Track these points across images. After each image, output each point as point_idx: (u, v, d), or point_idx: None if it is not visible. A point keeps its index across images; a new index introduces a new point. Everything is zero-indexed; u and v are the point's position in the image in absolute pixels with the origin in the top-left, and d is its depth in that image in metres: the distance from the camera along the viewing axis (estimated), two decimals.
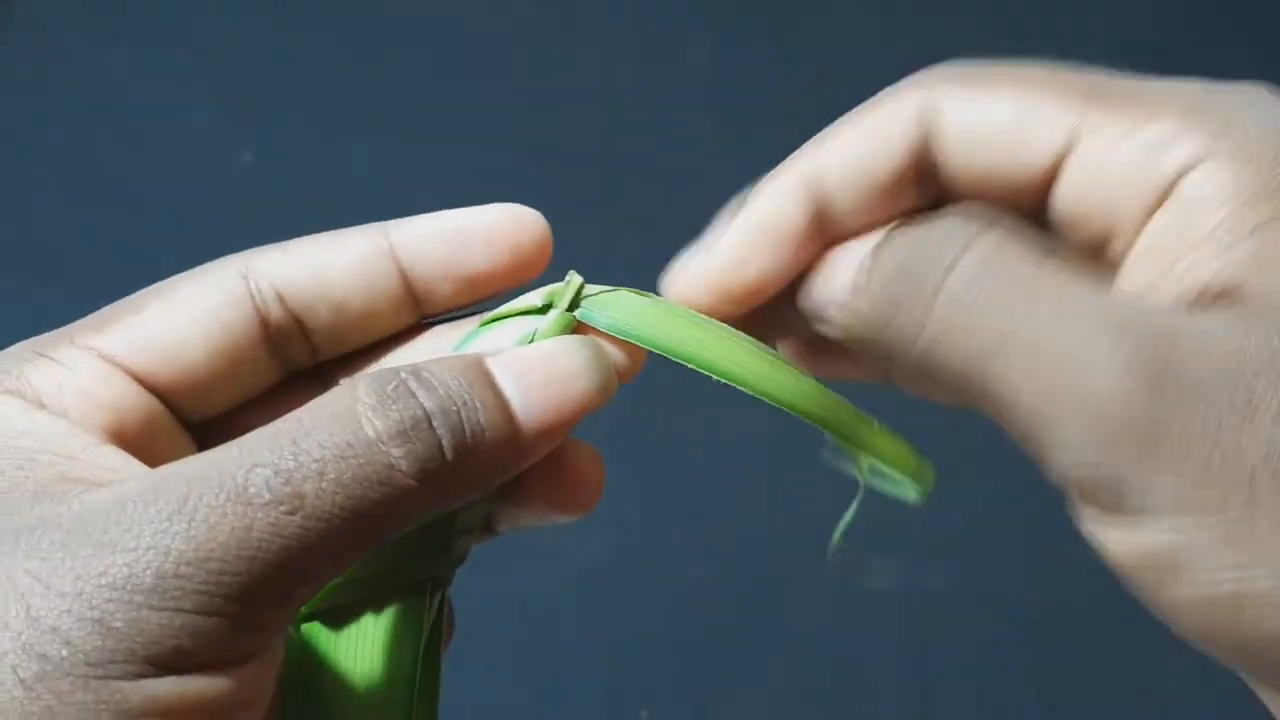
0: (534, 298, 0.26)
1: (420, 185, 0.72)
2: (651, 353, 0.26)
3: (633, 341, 0.26)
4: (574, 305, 0.26)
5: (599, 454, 0.26)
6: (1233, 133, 0.21)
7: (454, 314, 0.28)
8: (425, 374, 0.22)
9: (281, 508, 0.20)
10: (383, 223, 0.27)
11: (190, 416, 0.26)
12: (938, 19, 0.85)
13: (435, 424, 0.22)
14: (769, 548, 0.66)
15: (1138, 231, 0.22)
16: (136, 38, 0.84)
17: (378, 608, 0.26)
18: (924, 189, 0.25)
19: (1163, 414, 0.19)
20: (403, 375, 0.22)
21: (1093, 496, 0.21)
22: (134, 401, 0.25)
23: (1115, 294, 0.22)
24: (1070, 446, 0.20)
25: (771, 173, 0.26)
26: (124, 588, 0.19)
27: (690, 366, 0.26)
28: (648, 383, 0.28)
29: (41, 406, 0.23)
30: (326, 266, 0.26)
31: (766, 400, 0.26)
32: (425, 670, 0.26)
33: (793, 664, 0.67)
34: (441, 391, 0.22)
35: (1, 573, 0.20)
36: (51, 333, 0.25)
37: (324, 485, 0.20)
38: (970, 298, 0.21)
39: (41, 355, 0.24)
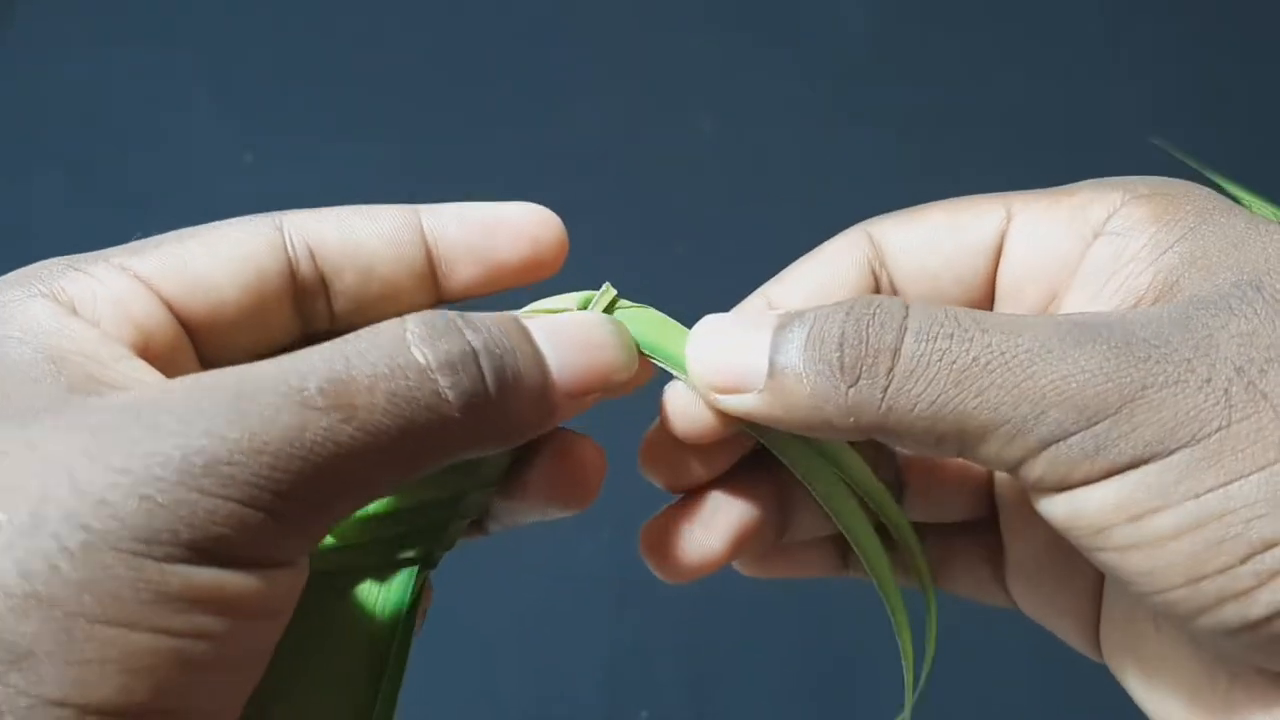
0: (569, 300, 0.27)
1: (420, 186, 0.72)
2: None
3: (652, 357, 0.27)
4: (607, 311, 0.27)
5: (601, 448, 0.27)
6: (1140, 186, 0.24)
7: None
8: (470, 316, 0.23)
9: (335, 414, 0.21)
10: (414, 205, 0.28)
11: (210, 357, 0.26)
12: (938, 19, 0.85)
13: (481, 361, 0.22)
14: None
15: (1074, 274, 0.25)
16: (136, 38, 0.84)
17: (369, 578, 0.27)
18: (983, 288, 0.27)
19: (1134, 372, 0.21)
20: (450, 315, 0.23)
21: (1070, 472, 0.22)
22: (162, 325, 0.25)
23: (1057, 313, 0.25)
24: (1056, 427, 0.21)
25: (737, 309, 0.28)
26: (175, 468, 0.19)
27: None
28: (648, 383, 0.28)
29: (74, 313, 0.23)
30: (359, 231, 0.27)
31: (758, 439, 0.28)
32: (399, 646, 0.26)
33: (793, 664, 0.67)
34: (485, 334, 0.23)
35: (42, 446, 0.19)
36: (88, 253, 0.25)
37: (375, 400, 0.21)
38: (932, 344, 0.22)
39: (76, 269, 0.24)
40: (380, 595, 0.27)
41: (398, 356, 0.22)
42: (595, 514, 0.31)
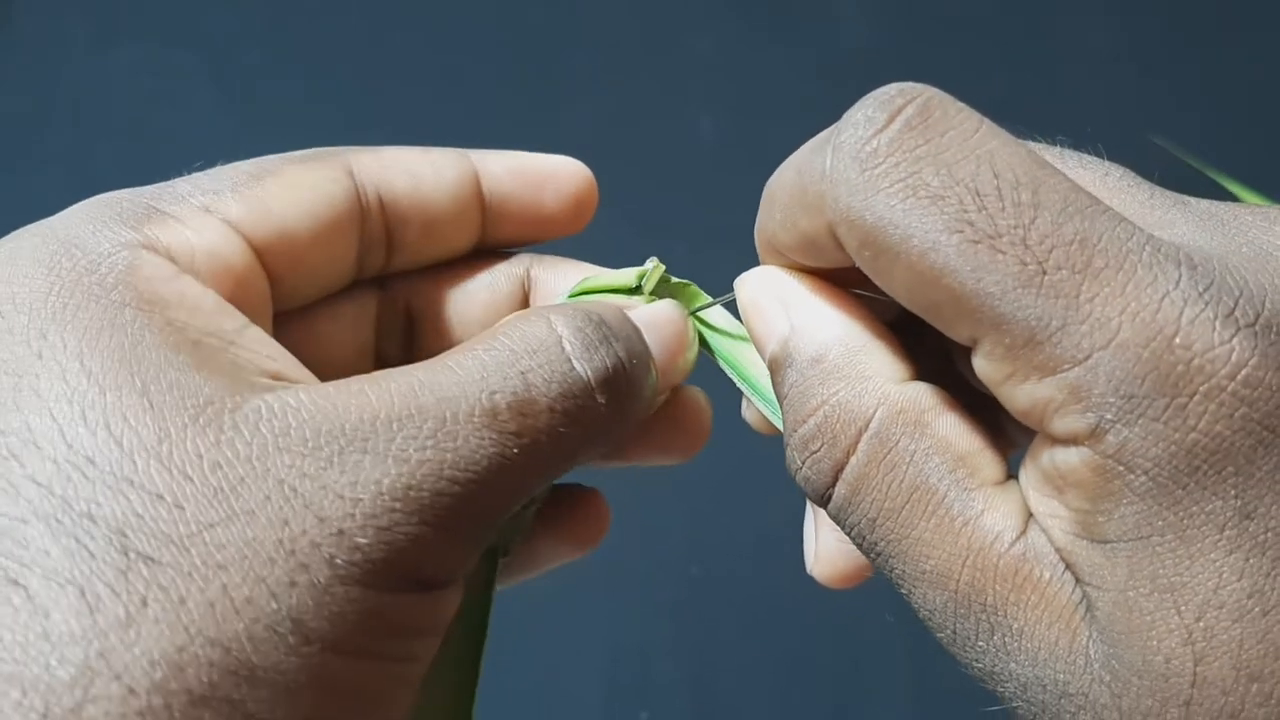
0: (625, 275, 0.28)
1: None
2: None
3: (705, 332, 0.28)
4: (657, 287, 0.28)
5: (707, 398, 0.28)
6: (1107, 440, 0.19)
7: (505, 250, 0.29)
8: (610, 322, 0.24)
9: (525, 439, 0.21)
10: (463, 150, 0.28)
11: (279, 303, 0.25)
12: (938, 18, 0.85)
13: (628, 372, 0.23)
14: (769, 548, 0.66)
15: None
16: (136, 38, 0.84)
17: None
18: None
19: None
20: (594, 320, 0.23)
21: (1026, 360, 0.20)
22: (254, 274, 0.24)
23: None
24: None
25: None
26: (404, 498, 0.19)
27: (731, 374, 0.27)
28: None
29: (179, 271, 0.22)
30: (425, 183, 0.27)
31: None
32: (481, 626, 0.27)
33: (793, 664, 0.67)
34: (625, 343, 0.23)
35: (259, 461, 0.19)
36: (150, 186, 0.24)
37: (553, 421, 0.21)
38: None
39: (157, 210, 0.23)
40: (471, 584, 0.27)
41: (566, 374, 0.22)
42: None
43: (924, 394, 0.22)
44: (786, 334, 0.23)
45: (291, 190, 0.25)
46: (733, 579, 0.67)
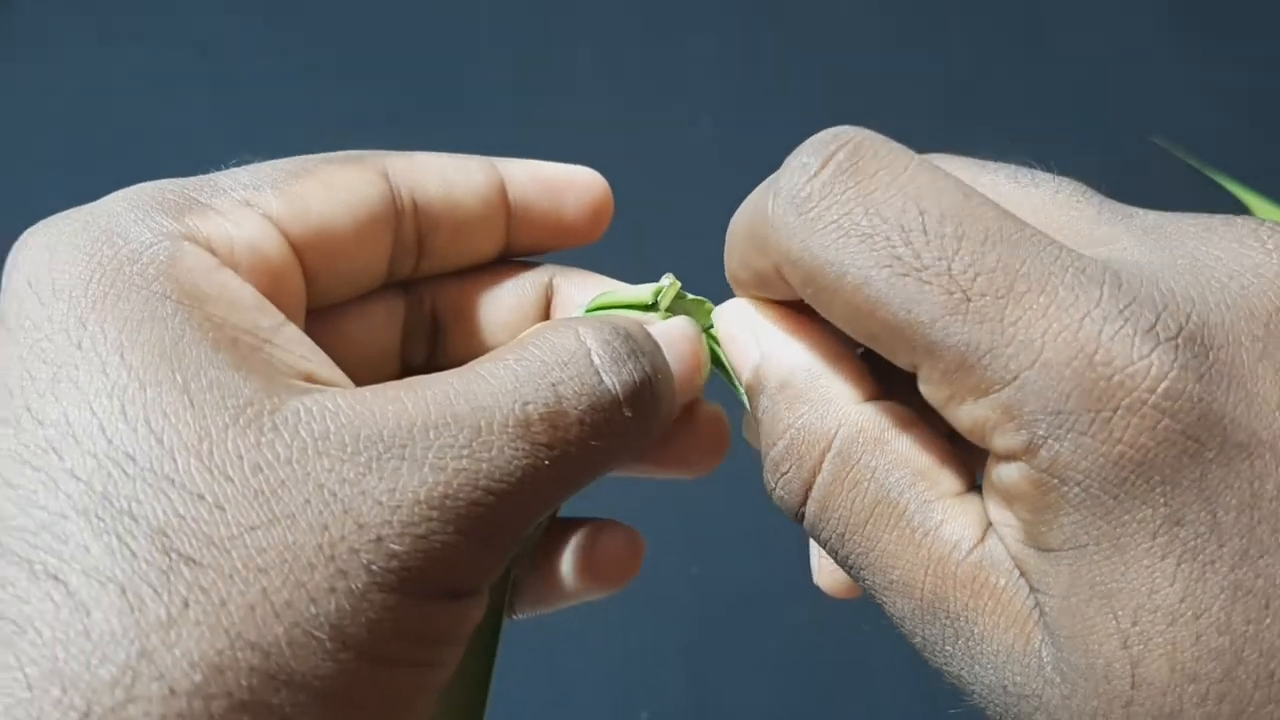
0: (642, 291, 0.28)
1: None
2: None
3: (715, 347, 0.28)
4: (672, 304, 0.28)
5: (723, 414, 0.28)
6: (1041, 455, 0.20)
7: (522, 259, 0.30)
8: (634, 336, 0.24)
9: (554, 451, 0.21)
10: (488, 157, 0.28)
11: (313, 302, 0.25)
12: (938, 18, 0.85)
13: (654, 388, 0.23)
14: (768, 548, 0.66)
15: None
16: (136, 38, 0.84)
17: None
18: None
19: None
20: (621, 333, 0.23)
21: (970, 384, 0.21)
22: (293, 271, 0.24)
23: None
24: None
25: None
26: (440, 507, 0.19)
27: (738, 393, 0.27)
28: None
29: (219, 264, 0.22)
30: (458, 188, 0.27)
31: None
32: (493, 634, 0.28)
33: (793, 664, 0.67)
34: (650, 357, 0.24)
35: (299, 465, 0.19)
36: (190, 179, 0.24)
37: (583, 433, 0.22)
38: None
39: (198, 201, 0.23)
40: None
41: (595, 387, 0.22)
42: (594, 514, 0.31)
43: (883, 413, 0.23)
44: (757, 361, 0.25)
45: (329, 189, 0.25)
46: (733, 579, 0.67)
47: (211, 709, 0.17)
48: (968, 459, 0.24)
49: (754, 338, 0.25)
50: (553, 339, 0.22)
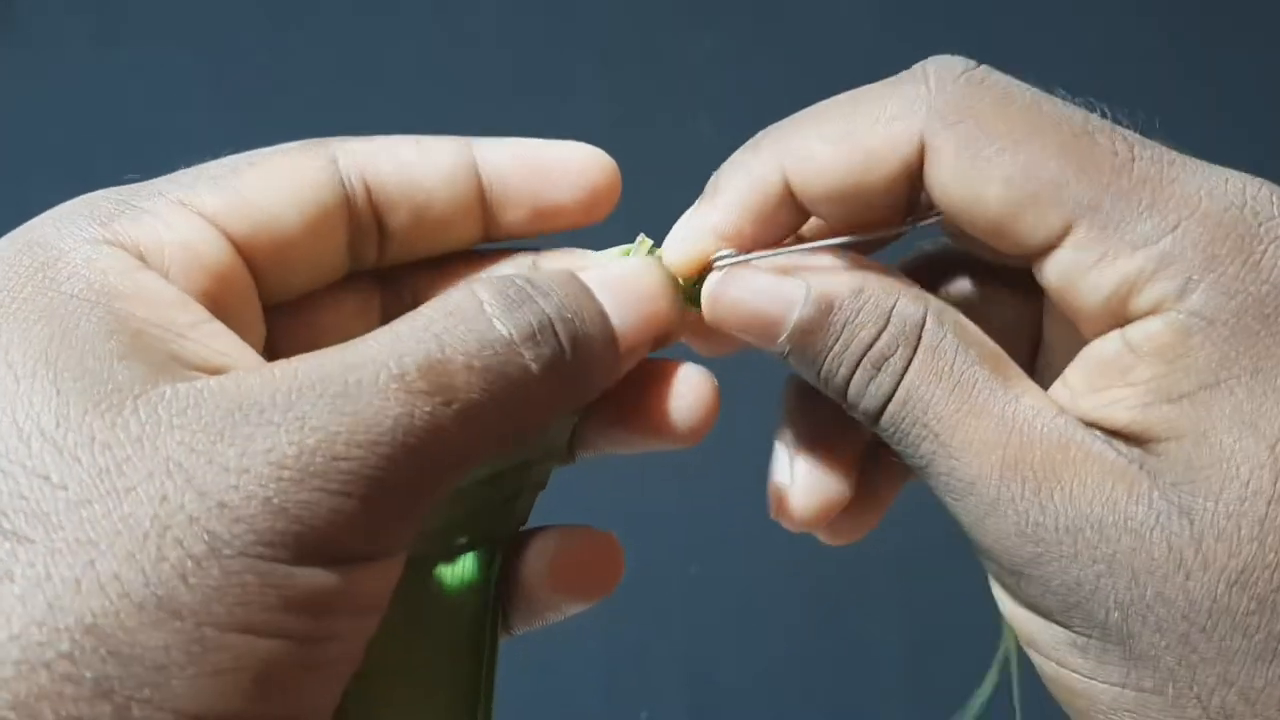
0: (615, 252, 0.27)
1: None
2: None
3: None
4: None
5: (713, 378, 0.26)
6: (1191, 299, 0.22)
7: (507, 244, 0.28)
8: (539, 283, 0.23)
9: (437, 398, 0.20)
10: (465, 137, 0.27)
11: (268, 296, 0.25)
12: (938, 18, 0.85)
13: (557, 328, 0.22)
14: (769, 549, 0.66)
15: (1082, 340, 0.24)
16: (136, 38, 0.84)
17: (449, 563, 0.26)
18: (901, 206, 0.25)
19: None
20: (519, 282, 0.23)
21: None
22: (232, 267, 0.24)
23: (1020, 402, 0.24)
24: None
25: (751, 145, 0.27)
26: (294, 467, 0.19)
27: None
28: None
29: (144, 263, 0.22)
30: (414, 168, 0.26)
31: None
32: (491, 626, 0.27)
33: (792, 664, 0.67)
34: (557, 300, 0.23)
35: (149, 440, 0.19)
36: (131, 185, 0.24)
37: (472, 379, 0.21)
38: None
39: (134, 205, 0.23)
40: (456, 578, 0.26)
41: (484, 333, 0.21)
42: (593, 514, 0.31)
43: (948, 304, 0.25)
44: (806, 293, 0.25)
45: (270, 179, 0.24)
46: (732, 579, 0.67)
47: (33, 679, 0.17)
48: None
49: (784, 281, 0.25)
50: (446, 298, 0.22)
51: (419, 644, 0.26)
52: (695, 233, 0.26)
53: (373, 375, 0.20)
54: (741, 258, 0.26)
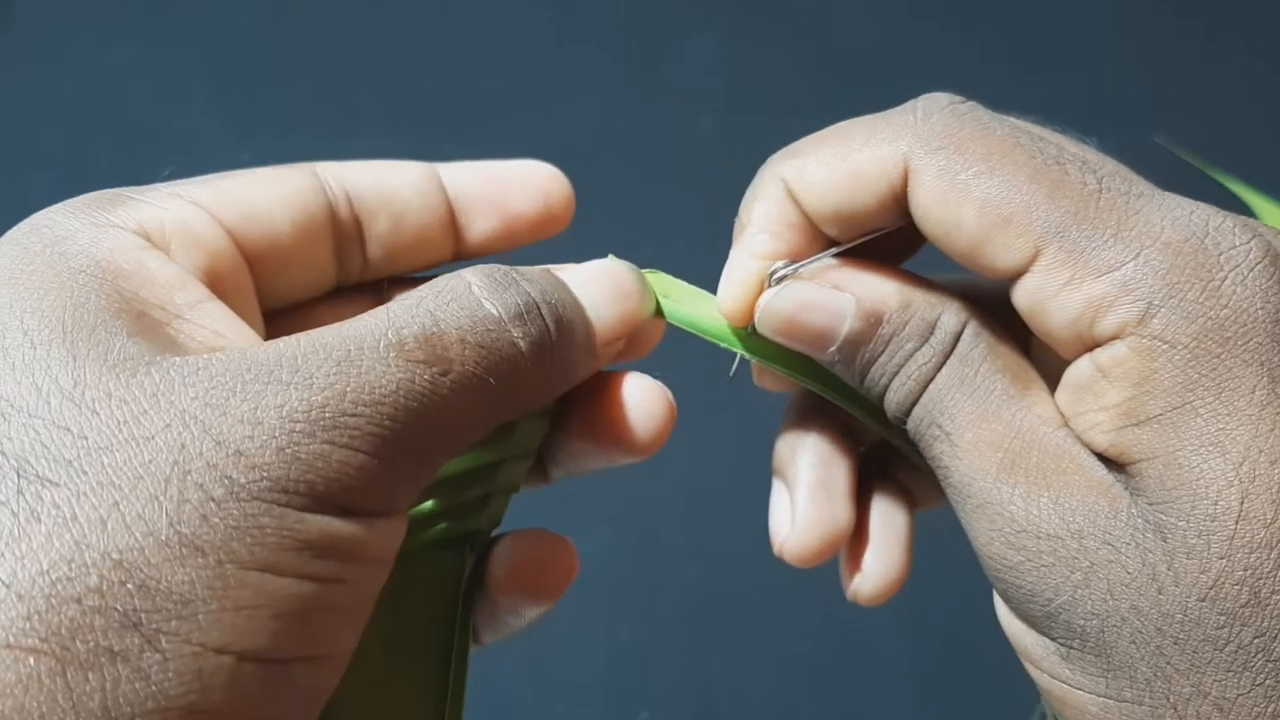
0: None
1: None
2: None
3: (671, 316, 0.28)
4: None
5: (666, 390, 0.28)
6: (1153, 323, 0.23)
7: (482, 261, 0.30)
8: (518, 269, 0.25)
9: (435, 368, 0.22)
10: (424, 162, 0.29)
11: (263, 299, 0.26)
12: (938, 18, 0.85)
13: (543, 310, 0.24)
14: (768, 549, 0.66)
15: (1062, 365, 0.25)
16: (136, 38, 0.84)
17: (421, 557, 0.27)
18: (892, 218, 0.27)
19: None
20: (502, 267, 0.24)
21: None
22: (228, 252, 0.25)
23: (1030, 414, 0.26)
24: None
25: (761, 173, 0.28)
26: (305, 420, 0.20)
27: (711, 340, 0.29)
28: None
29: (149, 245, 0.23)
30: (389, 179, 0.28)
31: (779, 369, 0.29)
32: (461, 625, 0.27)
33: (792, 665, 0.67)
34: (539, 284, 0.24)
35: (165, 395, 0.20)
36: (128, 187, 0.25)
37: (466, 352, 0.22)
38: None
39: (130, 198, 0.24)
40: (431, 573, 0.27)
41: (475, 310, 0.23)
42: (593, 514, 0.31)
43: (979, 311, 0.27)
44: (855, 305, 0.26)
45: (257, 184, 0.26)
46: (732, 580, 0.67)
47: (62, 611, 0.18)
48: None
49: (832, 296, 0.27)
50: (435, 282, 0.24)
51: (387, 642, 0.26)
52: (740, 270, 0.28)
53: (374, 343, 0.21)
54: (793, 267, 0.27)
